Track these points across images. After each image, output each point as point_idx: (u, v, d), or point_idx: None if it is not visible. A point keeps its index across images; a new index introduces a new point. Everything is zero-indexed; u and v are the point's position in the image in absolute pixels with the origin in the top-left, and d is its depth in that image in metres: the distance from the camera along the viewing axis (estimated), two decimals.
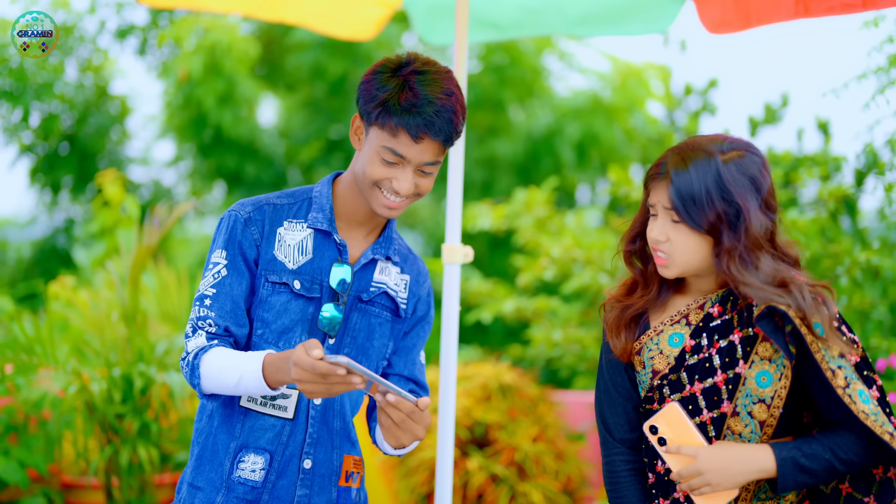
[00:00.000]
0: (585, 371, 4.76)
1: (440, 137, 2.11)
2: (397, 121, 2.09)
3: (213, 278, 2.19)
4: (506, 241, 8.24)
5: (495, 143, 8.98)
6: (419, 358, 2.36)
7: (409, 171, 2.14)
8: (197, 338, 2.16)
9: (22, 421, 4.48)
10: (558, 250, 4.50)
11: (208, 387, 2.13)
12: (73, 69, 8.72)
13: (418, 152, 2.12)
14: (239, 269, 2.20)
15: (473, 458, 4.56)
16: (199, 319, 2.18)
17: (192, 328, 2.18)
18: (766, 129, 6.15)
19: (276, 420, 2.21)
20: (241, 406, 2.21)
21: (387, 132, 2.11)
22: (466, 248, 2.98)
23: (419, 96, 2.08)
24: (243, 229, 2.21)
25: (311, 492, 2.23)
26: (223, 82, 8.33)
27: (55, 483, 4.72)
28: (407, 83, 2.10)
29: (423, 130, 2.09)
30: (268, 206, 2.24)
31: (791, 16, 3.02)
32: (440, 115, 2.09)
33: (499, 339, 8.08)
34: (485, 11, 3.56)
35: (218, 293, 2.18)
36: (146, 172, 9.82)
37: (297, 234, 2.24)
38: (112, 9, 8.56)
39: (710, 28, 3.25)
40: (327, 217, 2.24)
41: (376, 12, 3.62)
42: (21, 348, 4.19)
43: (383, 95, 2.10)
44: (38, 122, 8.62)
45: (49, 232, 9.65)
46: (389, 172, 2.14)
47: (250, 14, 3.61)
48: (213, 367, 2.11)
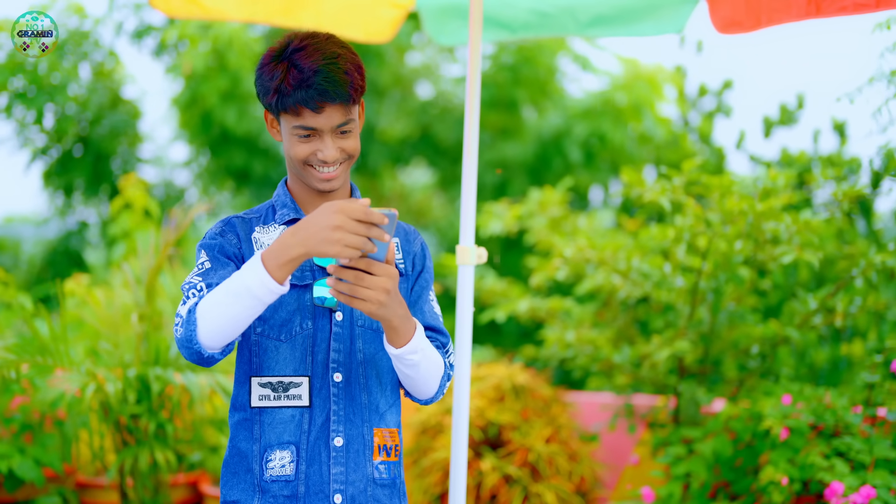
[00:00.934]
0: (599, 372, 4.75)
1: (339, 100, 2.16)
2: (293, 100, 2.15)
3: (197, 269, 2.20)
4: (519, 242, 8.24)
5: (506, 145, 8.98)
6: (428, 306, 2.37)
7: (327, 138, 2.19)
8: (189, 303, 2.11)
9: (37, 420, 4.50)
10: (571, 251, 4.49)
11: (205, 327, 2.04)
12: (87, 72, 8.75)
13: (326, 119, 2.17)
14: (222, 262, 2.22)
15: (487, 458, 4.56)
16: (189, 290, 2.14)
17: (183, 303, 2.13)
18: (782, 130, 6.14)
19: (294, 410, 2.22)
20: (253, 407, 2.23)
21: (290, 114, 2.17)
22: (480, 249, 2.99)
23: (304, 70, 2.14)
24: (221, 237, 2.25)
25: (346, 468, 2.24)
26: (227, 78, 8.35)
27: (70, 483, 4.74)
28: (291, 63, 2.16)
29: (319, 100, 2.14)
30: (236, 219, 2.30)
31: (802, 16, 3.02)
32: (330, 79, 2.14)
33: (513, 340, 8.08)
34: (496, 12, 3.57)
35: (204, 279, 2.17)
36: (159, 173, 9.85)
37: (273, 233, 2.28)
38: (130, 10, 8.59)
39: (720, 28, 3.25)
40: (292, 208, 2.30)
41: (391, 14, 3.65)
42: (37, 348, 4.21)
43: (275, 83, 2.17)
44: (51, 125, 8.66)
45: (62, 233, 9.69)
46: (311, 147, 2.20)
47: (268, 22, 3.63)
48: (207, 301, 2.05)
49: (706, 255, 4.11)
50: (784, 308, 4.38)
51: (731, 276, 4.17)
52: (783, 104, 6.10)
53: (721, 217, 3.98)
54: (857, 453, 3.55)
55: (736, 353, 4.43)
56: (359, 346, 2.26)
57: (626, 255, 4.43)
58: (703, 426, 4.09)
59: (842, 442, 3.60)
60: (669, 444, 4.13)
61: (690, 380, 4.32)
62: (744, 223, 3.94)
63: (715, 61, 7.52)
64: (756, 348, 4.36)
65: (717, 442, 3.85)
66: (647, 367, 4.39)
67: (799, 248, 3.90)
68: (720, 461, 3.87)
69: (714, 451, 3.84)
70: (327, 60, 2.15)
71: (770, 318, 4.79)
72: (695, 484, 3.83)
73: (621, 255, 4.43)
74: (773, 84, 11.95)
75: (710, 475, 3.86)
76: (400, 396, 2.37)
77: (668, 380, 4.39)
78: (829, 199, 4.36)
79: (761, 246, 4.05)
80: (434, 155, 9.62)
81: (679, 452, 3.94)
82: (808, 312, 4.22)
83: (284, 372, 2.22)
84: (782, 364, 4.56)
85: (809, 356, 4.87)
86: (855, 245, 4.29)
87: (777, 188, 4.02)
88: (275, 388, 2.22)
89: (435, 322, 2.36)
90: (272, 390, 2.22)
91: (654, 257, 4.44)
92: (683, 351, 4.15)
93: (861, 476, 3.46)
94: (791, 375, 4.45)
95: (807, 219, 3.92)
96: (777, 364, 4.50)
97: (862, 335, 4.75)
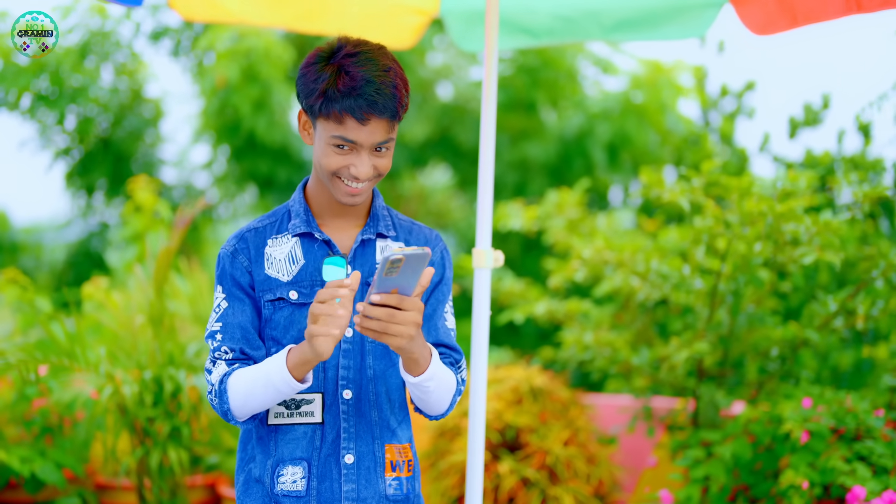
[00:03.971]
0: (617, 374, 4.73)
1: (386, 115, 2.11)
2: (340, 107, 2.09)
3: (215, 314, 2.23)
4: (538, 243, 8.22)
5: (527, 145, 8.96)
6: (443, 322, 2.33)
7: (364, 154, 2.14)
8: (218, 368, 2.19)
9: (57, 423, 4.53)
10: (589, 252, 4.47)
11: (238, 405, 2.14)
12: (109, 73, 8.80)
13: (368, 134, 2.11)
14: (238, 298, 2.22)
15: (504, 461, 4.54)
16: (214, 352, 2.21)
17: (211, 362, 2.21)
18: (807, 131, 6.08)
19: (307, 427, 2.22)
20: (270, 425, 2.23)
21: (332, 121, 2.11)
22: (497, 252, 2.97)
23: (357, 78, 2.08)
24: (232, 262, 2.24)
25: (357, 486, 2.23)
26: (259, 89, 8.36)
27: (90, 484, 4.76)
28: (342, 68, 2.10)
29: (367, 111, 2.08)
30: (249, 233, 2.27)
31: (842, 12, 2.92)
32: (381, 92, 2.09)
33: (531, 341, 8.06)
34: (519, 19, 3.56)
35: (224, 325, 2.21)
36: (180, 175, 9.89)
37: (285, 247, 2.25)
38: (147, 10, 8.63)
39: (755, 30, 3.18)
40: (304, 220, 2.25)
41: (414, 21, 3.65)
42: (55, 350, 4.23)
43: (321, 86, 2.10)
44: (73, 126, 8.71)
45: (83, 235, 9.75)
46: (345, 160, 2.14)
47: (290, 27, 3.63)
48: (238, 382, 2.14)
49: (725, 257, 4.08)
50: (804, 310, 4.34)
51: (750, 278, 4.14)
52: (808, 104, 6.04)
53: (740, 218, 3.95)
54: (878, 457, 3.51)
55: (756, 356, 4.40)
56: (369, 363, 2.25)
57: (644, 257, 4.40)
58: (723, 429, 4.06)
59: (863, 446, 3.56)
60: (688, 446, 4.10)
61: (709, 382, 4.29)
62: (763, 225, 3.91)
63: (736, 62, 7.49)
64: (776, 351, 4.32)
65: (736, 445, 3.81)
66: (665, 370, 4.36)
67: (819, 249, 3.86)
68: (739, 464, 3.84)
69: (733, 454, 3.81)
70: (380, 72, 2.10)
71: (790, 320, 4.75)
72: (714, 487, 3.80)
73: (640, 256, 4.41)
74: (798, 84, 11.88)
75: (730, 479, 3.82)
76: (409, 411, 2.35)
77: (687, 382, 4.36)
78: (850, 200, 4.31)
79: (781, 248, 4.01)
80: (453, 157, 9.61)
81: (698, 455, 3.91)
82: (829, 314, 4.18)
83: None
84: (803, 367, 4.52)
85: (830, 359, 4.83)
86: (876, 246, 4.25)
87: (797, 189, 3.99)
88: (288, 406, 2.21)
89: (448, 339, 2.32)
90: (286, 407, 2.21)
91: (672, 259, 4.41)
92: (702, 353, 4.12)
93: (883, 480, 3.42)
94: (811, 378, 4.41)
95: (827, 220, 3.89)
96: (797, 367, 4.46)
97: (884, 337, 4.70)
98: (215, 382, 2.17)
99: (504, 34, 3.58)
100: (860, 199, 4.13)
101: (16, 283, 5.60)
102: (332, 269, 2.22)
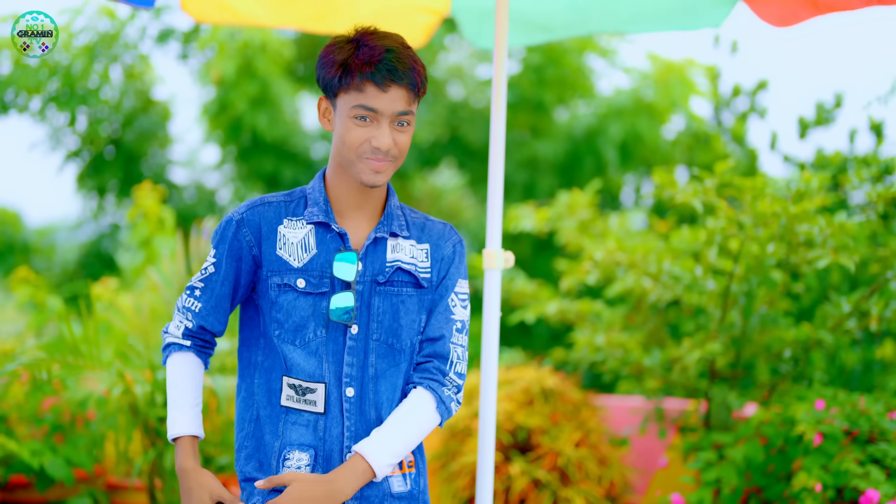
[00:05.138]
0: (629, 375, 4.71)
1: (405, 82, 2.15)
2: (360, 76, 2.14)
3: (202, 273, 2.30)
4: (550, 243, 8.20)
5: (536, 143, 8.93)
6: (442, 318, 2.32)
7: (385, 124, 2.17)
8: (177, 323, 2.32)
9: (68, 421, 4.54)
10: (601, 254, 4.45)
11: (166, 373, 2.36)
12: (118, 74, 8.82)
13: (389, 101, 2.15)
14: (224, 269, 2.26)
15: (516, 462, 4.53)
16: (184, 307, 2.31)
17: (179, 307, 2.32)
18: (818, 130, 6.05)
19: (310, 415, 2.23)
20: (282, 406, 2.25)
21: (353, 91, 2.16)
22: (507, 253, 2.96)
23: (375, 48, 2.15)
24: (235, 231, 2.27)
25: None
26: (256, 84, 8.36)
27: (100, 483, 4.77)
28: (360, 42, 2.17)
29: (387, 78, 2.14)
30: (262, 206, 2.29)
31: (864, 2, 2.88)
32: (400, 60, 2.15)
33: (543, 342, 8.04)
34: (532, 14, 3.54)
35: (205, 287, 2.29)
36: (190, 175, 9.91)
37: (299, 232, 2.26)
38: (153, 12, 8.65)
39: (774, 22, 3.12)
40: (322, 209, 2.26)
41: (425, 20, 3.65)
42: (68, 349, 4.25)
43: (341, 58, 2.16)
44: (84, 128, 8.73)
45: (95, 236, 9.78)
46: (366, 132, 2.17)
47: (301, 27, 3.63)
48: (169, 377, 2.32)
49: (738, 258, 4.06)
50: (817, 311, 4.32)
51: (763, 279, 4.12)
52: (819, 103, 6.01)
53: (753, 219, 3.93)
54: (893, 460, 3.49)
55: (768, 357, 4.37)
56: (371, 361, 2.25)
57: (656, 258, 4.38)
58: (735, 431, 4.04)
59: (877, 448, 3.54)
60: (700, 448, 4.08)
61: (722, 384, 4.27)
62: (776, 226, 3.89)
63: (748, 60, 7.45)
64: (789, 352, 4.30)
65: (748, 447, 3.79)
66: (677, 371, 4.34)
67: (833, 252, 3.84)
68: (752, 467, 3.81)
69: (745, 456, 3.79)
70: (398, 45, 2.18)
71: (803, 321, 4.72)
72: (726, 490, 3.78)
73: (652, 257, 4.39)
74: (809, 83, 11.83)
75: (742, 481, 3.80)
76: None
77: (699, 384, 4.34)
78: (863, 200, 4.28)
79: (794, 249, 3.99)
80: (463, 156, 9.61)
81: (710, 457, 3.90)
82: (842, 316, 4.16)
83: (301, 376, 2.23)
84: (815, 368, 4.49)
85: (843, 360, 4.80)
86: (889, 247, 4.22)
87: (811, 190, 3.96)
88: (297, 391, 2.24)
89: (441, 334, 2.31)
90: (295, 392, 2.24)
91: (685, 260, 4.39)
92: (714, 354, 4.10)
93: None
94: (824, 380, 4.38)
95: (841, 221, 3.86)
96: (810, 368, 4.44)
97: None
98: (168, 335, 2.32)
99: (518, 29, 3.56)
100: (873, 200, 4.10)
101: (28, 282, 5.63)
102: (344, 265, 2.22)
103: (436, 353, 2.30)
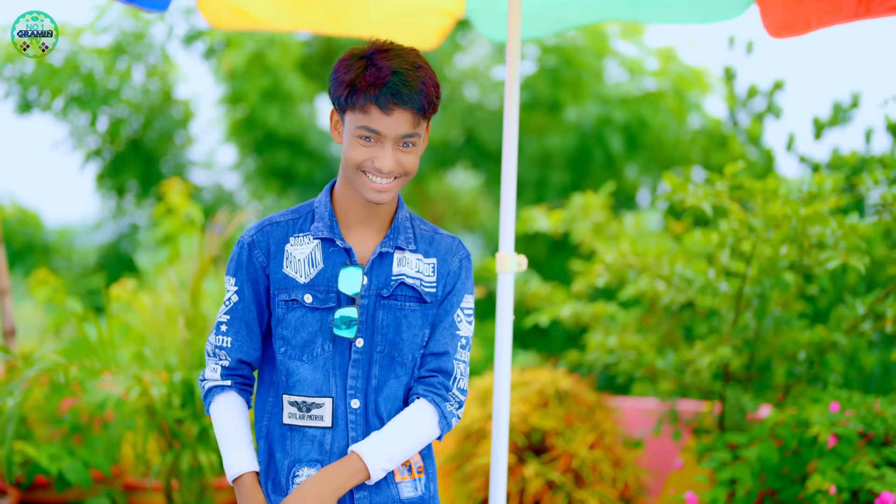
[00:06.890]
0: (643, 377, 4.71)
1: (410, 106, 2.14)
2: (365, 97, 2.13)
3: (226, 306, 2.30)
4: (566, 244, 8.19)
5: (546, 137, 8.90)
6: (446, 333, 2.33)
7: (388, 147, 2.17)
8: (213, 366, 2.30)
9: (86, 423, 4.58)
10: (612, 257, 4.46)
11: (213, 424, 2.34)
12: (140, 74, 8.86)
13: (392, 125, 2.14)
14: (248, 295, 2.28)
15: (530, 464, 4.54)
16: (216, 347, 2.30)
17: (211, 351, 2.31)
18: (834, 131, 6.03)
19: (317, 430, 2.25)
20: (285, 424, 2.28)
21: (358, 112, 2.15)
22: (520, 257, 2.98)
23: (383, 69, 2.13)
24: (248, 255, 2.29)
25: (369, 492, 2.26)
26: (268, 77, 8.37)
27: (118, 484, 4.81)
28: (370, 61, 2.15)
29: (391, 101, 2.12)
30: (270, 227, 2.30)
31: (852, 17, 2.98)
32: (406, 84, 2.12)
33: (559, 344, 8.04)
34: (546, 6, 3.55)
35: (232, 319, 2.29)
36: (209, 176, 9.96)
37: (305, 248, 2.28)
38: (181, 13, 8.70)
39: (772, 33, 3.22)
40: (327, 224, 2.28)
41: (439, 22, 3.66)
42: (85, 351, 4.28)
43: (349, 77, 2.15)
44: (105, 127, 8.78)
45: (114, 237, 9.84)
46: (369, 153, 2.17)
47: (316, 30, 3.66)
48: (216, 420, 2.31)
49: (751, 260, 4.05)
50: (832, 313, 4.31)
51: (776, 282, 4.11)
52: (837, 103, 5.98)
53: (765, 222, 3.93)
54: None
55: (782, 359, 4.37)
56: (374, 373, 2.27)
57: (669, 261, 4.38)
58: (749, 432, 4.03)
59: (892, 451, 3.53)
60: (714, 450, 4.08)
61: (736, 386, 4.27)
62: (788, 228, 3.88)
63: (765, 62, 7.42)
64: (803, 354, 4.29)
65: (762, 448, 3.79)
66: (691, 373, 4.34)
67: (845, 253, 3.83)
68: (766, 468, 3.81)
69: (760, 457, 3.79)
70: (409, 67, 2.15)
71: (817, 323, 4.71)
72: (740, 491, 3.78)
73: (664, 260, 4.39)
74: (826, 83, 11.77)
75: (756, 482, 3.80)
76: None
77: (713, 385, 4.34)
78: (878, 201, 4.27)
79: (807, 251, 3.98)
80: (478, 157, 9.61)
81: (724, 458, 3.90)
82: (857, 318, 4.15)
83: (307, 392, 2.25)
84: (830, 370, 4.48)
85: (858, 362, 4.79)
86: None
87: (823, 192, 3.95)
88: (300, 408, 2.26)
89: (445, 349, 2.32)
90: (297, 409, 2.26)
91: (697, 262, 4.39)
92: (727, 357, 4.10)
93: None
94: (839, 382, 4.37)
95: (853, 223, 3.85)
96: (825, 370, 4.42)
97: None
98: (206, 382, 2.31)
99: (533, 19, 3.57)
100: (888, 202, 4.09)
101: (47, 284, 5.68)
102: (348, 280, 2.24)
103: (440, 368, 2.32)
